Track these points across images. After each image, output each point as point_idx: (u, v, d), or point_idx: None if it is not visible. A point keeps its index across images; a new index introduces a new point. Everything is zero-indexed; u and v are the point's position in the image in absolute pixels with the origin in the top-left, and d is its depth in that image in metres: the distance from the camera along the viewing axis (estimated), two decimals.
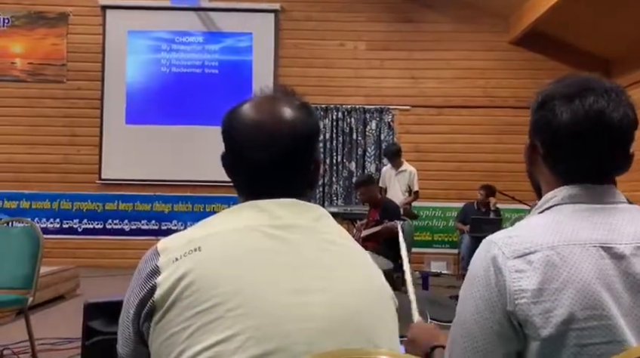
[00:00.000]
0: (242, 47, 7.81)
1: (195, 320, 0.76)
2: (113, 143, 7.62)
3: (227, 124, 0.96)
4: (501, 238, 0.87)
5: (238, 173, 0.95)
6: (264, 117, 0.92)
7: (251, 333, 0.75)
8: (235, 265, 0.80)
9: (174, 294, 0.78)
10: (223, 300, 0.76)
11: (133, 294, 0.84)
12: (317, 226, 0.89)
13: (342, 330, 0.79)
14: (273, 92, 0.98)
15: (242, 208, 0.90)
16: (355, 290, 0.84)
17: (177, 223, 7.62)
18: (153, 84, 7.75)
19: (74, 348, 3.30)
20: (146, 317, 0.81)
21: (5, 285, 3.20)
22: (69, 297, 5.23)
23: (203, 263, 0.80)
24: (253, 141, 0.91)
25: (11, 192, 7.45)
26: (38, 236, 3.21)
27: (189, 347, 0.75)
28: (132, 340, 0.84)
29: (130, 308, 0.83)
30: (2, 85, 7.60)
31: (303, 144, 0.93)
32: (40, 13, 7.63)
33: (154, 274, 0.81)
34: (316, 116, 1.01)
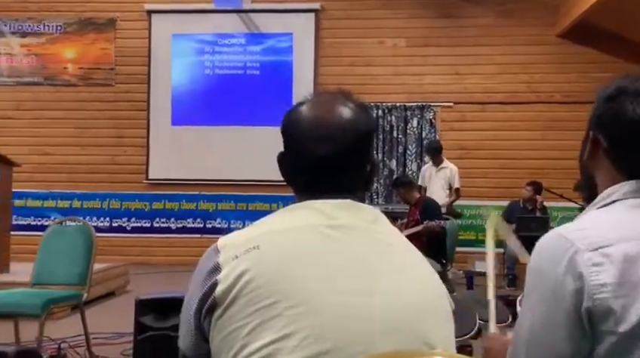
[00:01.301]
0: (283, 47, 7.88)
1: (255, 317, 0.78)
2: (159, 144, 7.84)
3: (287, 123, 0.98)
4: (572, 230, 0.85)
5: (296, 171, 0.96)
6: (324, 115, 0.94)
7: (309, 332, 0.76)
8: (293, 264, 0.82)
9: (235, 291, 0.80)
10: (281, 298, 0.78)
11: (194, 290, 0.86)
12: (373, 228, 0.90)
13: (399, 331, 0.80)
14: (330, 92, 1.00)
15: (299, 208, 0.91)
16: (412, 291, 0.85)
17: (221, 222, 7.77)
18: (197, 86, 7.93)
19: (126, 343, 3.42)
20: (207, 313, 0.83)
21: (61, 282, 3.36)
22: (119, 293, 5.41)
23: (262, 262, 0.82)
24: (312, 139, 0.92)
25: (64, 192, 7.78)
26: (92, 235, 3.35)
27: (249, 343, 0.77)
28: (193, 335, 0.86)
29: (192, 304, 0.86)
30: (55, 90, 7.94)
31: (362, 143, 0.95)
32: (90, 19, 7.92)
33: (215, 271, 0.83)
34: (373, 116, 1.02)
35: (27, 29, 7.93)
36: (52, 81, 7.93)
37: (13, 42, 7.92)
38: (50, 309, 2.99)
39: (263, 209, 7.71)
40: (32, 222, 7.61)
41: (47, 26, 7.93)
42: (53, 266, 3.30)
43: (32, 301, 2.93)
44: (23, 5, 7.93)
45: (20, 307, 2.96)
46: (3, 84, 7.93)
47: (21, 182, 5.76)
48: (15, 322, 3.19)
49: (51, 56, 7.92)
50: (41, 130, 7.81)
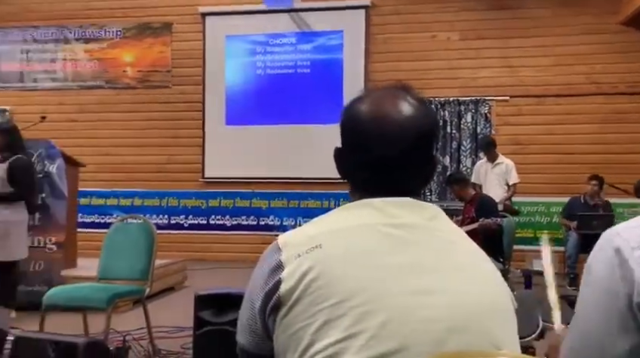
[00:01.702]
0: (333, 45, 7.90)
1: (320, 316, 0.78)
2: (214, 144, 8.04)
3: (346, 119, 0.96)
4: (624, 228, 0.83)
5: (355, 169, 0.95)
6: (385, 112, 0.92)
7: (374, 332, 0.76)
8: (356, 263, 0.82)
9: (299, 290, 0.81)
10: (346, 297, 0.78)
11: (257, 287, 0.87)
12: (433, 225, 0.89)
13: (464, 331, 0.79)
14: (390, 87, 0.98)
15: (358, 207, 0.91)
16: (476, 290, 0.84)
17: (274, 219, 7.90)
18: (250, 86, 8.08)
19: (186, 337, 3.54)
20: (271, 311, 0.83)
21: (125, 277, 3.52)
22: (178, 288, 5.59)
23: (325, 261, 0.82)
24: (373, 137, 0.91)
25: (125, 190, 8.13)
26: (153, 232, 3.49)
27: (315, 342, 0.77)
28: (257, 332, 0.88)
29: (255, 301, 0.87)
30: (115, 92, 8.30)
31: (424, 142, 0.93)
32: (147, 24, 8.22)
33: (278, 269, 0.84)
34: (435, 114, 1.01)
35: (90, 35, 8.33)
36: (113, 84, 8.30)
37: (77, 48, 8.34)
38: (115, 303, 3.14)
39: (315, 206, 7.77)
40: (95, 219, 7.99)
41: (108, 31, 8.29)
42: (117, 261, 3.47)
43: (99, 295, 3.09)
44: (86, 13, 8.32)
45: (88, 301, 3.13)
46: (68, 89, 8.36)
47: (85, 181, 6.05)
48: (84, 315, 3.38)
49: (112, 60, 8.28)
50: (103, 131, 8.19)
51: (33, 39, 8.39)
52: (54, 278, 4.61)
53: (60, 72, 8.36)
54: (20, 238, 4.29)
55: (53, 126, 7.18)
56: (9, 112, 8.32)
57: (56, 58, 8.35)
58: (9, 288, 4.29)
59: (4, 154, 4.32)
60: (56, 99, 8.29)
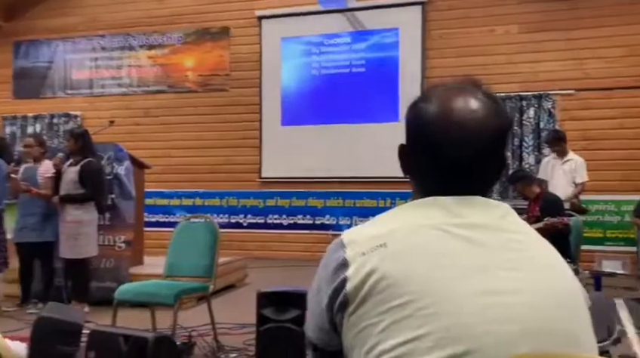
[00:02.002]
0: (388, 43, 7.84)
1: (387, 316, 0.78)
2: (271, 144, 8.18)
3: (414, 119, 0.94)
4: None
5: (421, 168, 0.93)
6: (460, 112, 0.89)
7: (443, 333, 0.75)
8: (422, 263, 0.81)
9: (365, 289, 0.80)
10: (413, 298, 0.78)
11: (323, 283, 0.88)
12: (503, 224, 0.86)
13: (538, 332, 0.77)
14: (458, 83, 0.95)
15: (424, 205, 0.89)
16: (550, 290, 0.81)
17: (330, 218, 7.93)
18: (305, 86, 8.15)
19: (248, 333, 3.62)
20: (339, 308, 0.84)
21: (190, 274, 3.64)
22: (239, 285, 5.71)
23: (390, 260, 0.81)
24: (450, 139, 0.88)
25: (187, 191, 8.41)
26: (216, 230, 3.59)
27: (382, 341, 0.77)
28: (325, 328, 0.89)
29: (322, 298, 0.87)
30: (177, 96, 8.60)
31: (499, 141, 0.91)
32: (206, 29, 8.47)
33: (343, 266, 0.84)
34: (507, 111, 0.98)
35: (153, 42, 8.67)
36: (175, 88, 8.60)
37: (141, 55, 8.70)
38: (181, 299, 3.25)
39: (371, 206, 7.74)
40: (160, 219, 8.31)
41: (170, 37, 8.60)
42: (182, 259, 3.60)
43: (166, 292, 3.21)
44: (148, 20, 8.68)
45: (156, 297, 3.26)
46: (133, 94, 8.75)
47: (150, 182, 6.29)
48: (152, 311, 3.52)
49: (174, 65, 8.59)
50: (166, 134, 8.51)
51: (101, 48, 8.84)
52: (123, 275, 4.83)
53: (126, 78, 8.76)
54: (90, 237, 4.54)
55: (120, 130, 7.54)
56: (80, 117, 8.82)
57: (122, 65, 8.76)
58: (82, 285, 4.56)
59: (76, 158, 4.58)
60: (122, 104, 8.70)
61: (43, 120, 8.95)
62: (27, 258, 4.72)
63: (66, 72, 8.96)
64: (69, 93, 8.98)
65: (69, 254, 4.49)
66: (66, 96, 8.99)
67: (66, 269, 4.63)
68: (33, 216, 4.66)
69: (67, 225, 4.48)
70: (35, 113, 9.01)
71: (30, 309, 4.50)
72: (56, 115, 8.91)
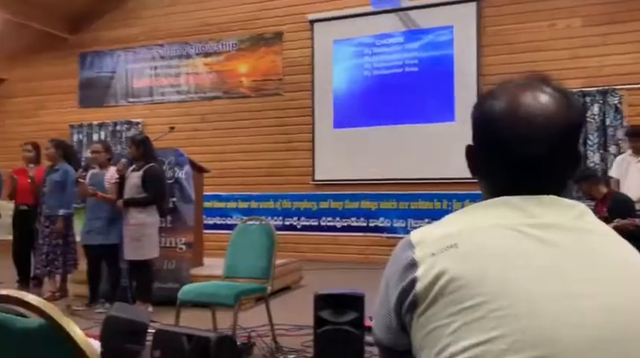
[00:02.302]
0: (442, 41, 7.71)
1: (459, 317, 0.77)
2: (323, 147, 8.21)
3: (481, 117, 0.92)
4: None
5: (493, 168, 0.90)
6: (529, 108, 0.86)
7: (517, 337, 0.73)
8: (495, 265, 0.79)
9: (436, 290, 0.79)
10: (486, 299, 0.76)
11: (391, 284, 0.87)
12: (580, 225, 0.83)
13: (619, 338, 0.73)
14: (525, 79, 0.92)
15: (495, 205, 0.87)
16: (631, 294, 0.77)
17: (384, 220, 7.87)
18: (357, 88, 8.14)
19: (305, 335, 3.65)
20: (408, 309, 0.83)
21: (247, 275, 3.70)
22: (294, 287, 5.75)
23: (462, 261, 0.80)
24: (520, 135, 0.85)
25: (243, 194, 8.57)
26: (272, 232, 3.64)
27: (454, 343, 0.76)
28: (394, 328, 0.88)
29: (391, 298, 0.87)
30: (232, 102, 8.79)
31: (572, 136, 0.88)
32: (260, 35, 8.62)
33: (412, 266, 0.83)
34: (580, 105, 0.93)
35: (209, 49, 8.92)
36: (230, 94, 8.80)
37: (198, 62, 8.97)
38: (240, 300, 3.31)
39: (426, 208, 7.62)
40: (217, 221, 8.51)
41: (225, 44, 8.82)
42: (240, 261, 3.66)
43: (226, 292, 3.28)
44: (204, 28, 8.93)
45: (216, 298, 3.33)
46: (190, 100, 9.02)
47: (208, 186, 6.44)
48: (212, 311, 3.61)
49: (228, 72, 8.79)
50: (222, 139, 8.72)
51: (160, 56, 9.18)
52: (184, 276, 4.97)
53: (184, 85, 9.05)
54: (152, 239, 4.70)
55: (180, 135, 7.78)
56: (141, 124, 9.18)
57: (180, 73, 9.06)
58: (146, 285, 4.73)
59: (139, 163, 4.76)
60: (181, 110, 8.99)
61: (107, 127, 9.39)
62: (94, 260, 4.94)
63: (127, 81, 9.36)
64: (131, 101, 9.37)
65: (132, 255, 4.66)
66: (128, 104, 9.39)
67: (131, 270, 4.81)
68: (99, 220, 4.87)
69: (130, 228, 4.66)
70: (99, 121, 9.47)
71: (98, 308, 4.71)
72: (119, 122, 9.32)
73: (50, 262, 5.19)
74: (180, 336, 2.63)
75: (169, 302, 4.52)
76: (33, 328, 0.97)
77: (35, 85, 10.01)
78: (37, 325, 0.96)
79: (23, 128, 9.81)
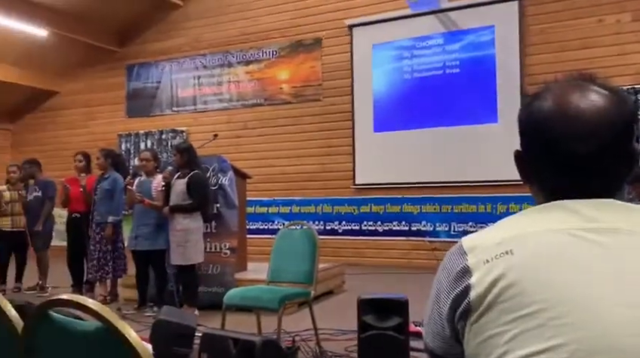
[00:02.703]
0: (484, 41, 7.57)
1: (516, 325, 0.75)
2: (364, 151, 8.20)
3: (528, 119, 0.90)
4: None
5: (544, 171, 0.88)
6: (578, 107, 0.85)
7: (579, 345, 0.71)
8: (553, 271, 0.77)
9: (490, 297, 0.78)
10: (544, 307, 0.74)
11: (443, 291, 0.86)
12: (639, 229, 0.79)
13: None
14: (572, 78, 0.90)
15: (549, 209, 0.84)
16: None
17: (426, 224, 7.77)
18: (396, 91, 8.09)
19: (348, 340, 3.64)
20: (461, 316, 0.82)
21: (291, 280, 3.72)
22: (337, 292, 5.75)
23: (517, 268, 0.78)
24: (570, 135, 0.84)
25: (285, 199, 8.66)
26: (315, 237, 3.66)
27: (510, 351, 0.74)
28: (446, 336, 0.87)
29: (442, 305, 0.86)
30: (273, 108, 8.91)
31: (624, 134, 0.85)
32: (299, 42, 8.71)
33: (465, 274, 0.82)
34: (632, 101, 0.90)
35: (250, 58, 9.08)
36: (270, 101, 8.92)
37: (239, 71, 9.14)
38: (284, 305, 3.34)
39: (469, 211, 7.49)
40: (259, 226, 8.62)
41: (265, 52, 8.95)
42: (284, 265, 3.69)
43: (271, 297, 3.31)
44: (245, 37, 9.10)
45: (261, 302, 3.37)
46: (233, 108, 9.19)
47: (250, 191, 6.54)
48: (257, 315, 3.65)
49: (269, 79, 8.92)
50: (264, 145, 8.84)
51: (203, 66, 9.41)
52: (229, 280, 5.06)
53: (226, 93, 9.23)
54: (197, 244, 4.81)
55: (223, 143, 7.94)
56: (185, 132, 9.42)
57: (222, 81, 9.25)
58: (192, 290, 4.84)
59: (184, 170, 4.89)
60: (224, 118, 9.18)
61: (153, 136, 9.68)
62: (142, 265, 5.09)
63: (172, 91, 9.64)
64: (176, 110, 9.64)
65: (178, 260, 4.78)
66: (172, 113, 9.66)
67: (177, 275, 4.93)
68: (147, 226, 5.01)
69: (176, 233, 4.78)
70: (146, 130, 9.78)
71: (147, 312, 4.85)
72: (165, 131, 9.59)
73: (101, 267, 5.38)
74: (227, 339, 2.68)
75: (214, 306, 4.61)
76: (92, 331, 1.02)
77: (85, 97, 10.45)
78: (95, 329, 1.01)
79: (75, 138, 10.26)
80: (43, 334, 1.11)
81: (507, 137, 7.25)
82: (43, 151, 9.93)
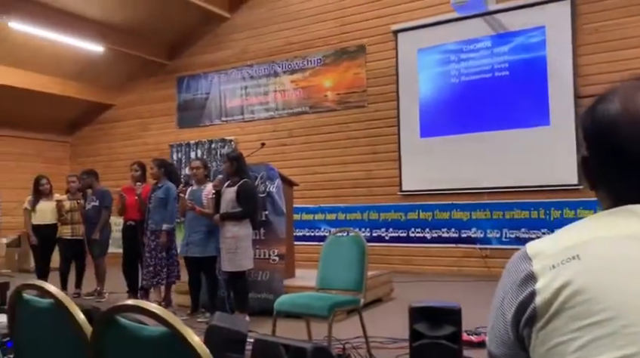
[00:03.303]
0: (534, 43, 7.37)
1: (586, 332, 0.73)
2: (410, 157, 8.12)
3: (594, 123, 0.89)
4: None
5: (609, 173, 0.87)
6: None
7: None
8: (622, 277, 0.75)
9: (557, 303, 0.77)
10: (615, 314, 0.72)
11: (507, 297, 0.85)
12: None
13: None
14: (637, 79, 0.88)
15: (615, 214, 0.83)
16: None
17: (477, 231, 7.60)
18: (443, 96, 7.98)
19: (399, 348, 3.60)
20: (526, 323, 0.81)
21: (340, 287, 3.72)
22: (385, 299, 5.70)
23: (585, 274, 0.77)
24: (635, 137, 0.82)
25: (331, 206, 8.68)
26: (363, 244, 3.65)
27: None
28: (511, 343, 0.86)
29: (507, 312, 0.85)
30: (318, 116, 8.96)
31: None
32: (343, 49, 8.75)
33: (530, 279, 0.81)
34: None
35: (295, 67, 9.19)
36: (315, 109, 8.99)
37: (285, 79, 9.26)
38: (334, 312, 3.34)
39: (522, 217, 7.28)
40: (306, 233, 8.67)
41: (309, 61, 9.04)
42: (332, 272, 3.70)
43: (321, 304, 3.32)
44: (290, 47, 9.22)
45: (311, 309, 3.38)
46: (279, 117, 9.32)
47: (296, 198, 6.59)
48: (307, 321, 3.67)
49: (314, 87, 8.99)
50: (309, 153, 8.90)
51: (250, 76, 9.59)
52: (278, 287, 5.11)
53: (272, 102, 9.37)
54: (246, 251, 4.88)
55: (268, 151, 8.04)
56: (234, 141, 9.62)
57: (268, 91, 9.40)
58: (243, 296, 4.91)
59: (233, 179, 4.99)
60: (270, 126, 9.32)
61: (203, 146, 9.93)
62: (194, 271, 5.21)
63: (221, 102, 9.87)
64: (224, 120, 9.86)
65: (229, 267, 4.87)
66: (221, 123, 9.89)
67: (228, 281, 5.02)
68: (198, 233, 5.14)
69: (227, 240, 4.87)
70: (196, 140, 10.05)
71: (199, 317, 4.96)
72: (214, 140, 9.82)
73: (156, 274, 5.55)
74: (278, 346, 2.70)
75: (264, 312, 4.67)
76: (157, 336, 1.06)
77: (138, 109, 10.85)
78: (160, 333, 1.05)
79: (129, 149, 10.66)
80: (111, 339, 1.15)
81: (560, 140, 7.03)
82: (99, 161, 10.38)
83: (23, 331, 1.49)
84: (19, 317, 1.46)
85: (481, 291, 6.39)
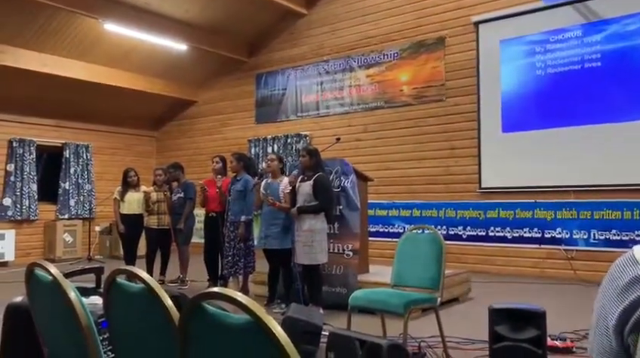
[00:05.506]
0: (630, 31, 6.83)
1: None
2: (491, 153, 7.82)
3: None
4: None
5: None
6: None
7: None
8: None
9: None
10: None
11: (610, 302, 0.81)
12: None
13: None
14: None
15: None
16: None
17: (562, 232, 7.19)
18: (528, 89, 7.60)
19: (477, 350, 3.49)
20: (632, 329, 0.76)
21: (416, 285, 3.66)
22: (462, 300, 5.55)
23: None
24: None
25: (405, 202, 8.55)
26: (441, 242, 3.56)
27: None
28: (611, 351, 0.81)
29: (610, 317, 0.80)
30: (394, 111, 8.84)
31: None
32: (421, 42, 8.56)
33: (636, 283, 0.77)
34: None
35: (370, 61, 9.12)
36: (391, 103, 8.88)
37: (360, 74, 9.22)
38: (410, 309, 3.29)
39: (612, 218, 6.80)
40: (379, 229, 8.60)
41: (386, 55, 8.94)
42: (408, 269, 3.64)
43: (396, 301, 3.28)
44: (366, 41, 9.16)
45: (387, 305, 3.35)
46: (354, 112, 9.30)
47: (370, 194, 6.56)
48: (382, 318, 3.64)
49: (390, 81, 8.88)
50: (384, 148, 8.82)
51: (325, 72, 9.65)
52: (352, 282, 5.12)
53: (347, 97, 9.37)
54: (321, 244, 4.93)
55: (344, 146, 8.08)
56: (309, 137, 9.73)
57: (344, 86, 9.41)
58: (317, 289, 4.97)
59: (309, 173, 5.04)
60: (345, 122, 9.33)
61: (279, 141, 10.13)
62: (273, 263, 5.34)
63: (297, 97, 10.01)
64: (300, 115, 9.99)
65: (304, 260, 4.94)
66: (297, 118, 10.03)
67: (303, 274, 5.10)
68: (276, 226, 5.25)
69: (303, 234, 4.94)
70: (272, 135, 10.27)
71: (275, 308, 5.08)
72: (290, 135, 9.99)
73: (235, 263, 5.75)
74: (354, 340, 2.70)
75: (337, 306, 4.69)
76: (241, 324, 1.08)
77: (219, 105, 11.26)
78: (244, 322, 1.07)
79: (210, 143, 11.10)
80: (198, 325, 1.20)
81: None
82: (182, 155, 10.88)
83: (116, 313, 1.58)
84: (113, 300, 1.56)
85: (565, 295, 6.08)
